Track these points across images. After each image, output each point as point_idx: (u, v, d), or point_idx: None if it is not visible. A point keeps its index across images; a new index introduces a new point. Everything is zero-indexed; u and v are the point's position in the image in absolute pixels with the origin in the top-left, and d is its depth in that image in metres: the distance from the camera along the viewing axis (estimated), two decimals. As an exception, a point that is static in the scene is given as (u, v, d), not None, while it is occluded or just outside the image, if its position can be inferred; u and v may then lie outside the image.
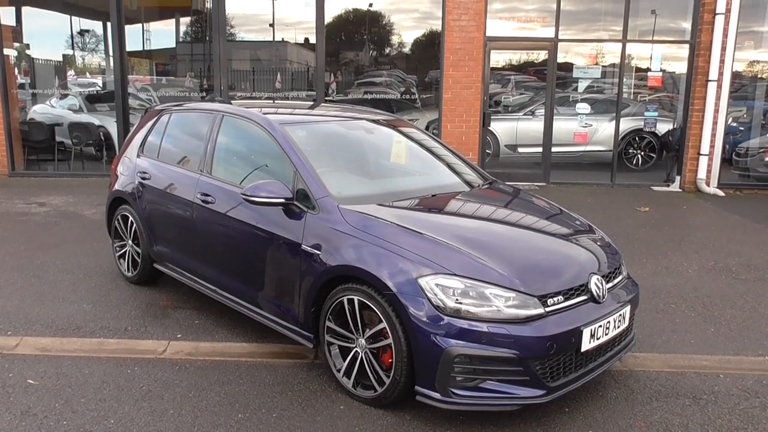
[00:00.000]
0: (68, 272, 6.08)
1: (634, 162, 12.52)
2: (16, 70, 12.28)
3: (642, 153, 12.52)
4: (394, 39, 13.34)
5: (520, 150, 12.53)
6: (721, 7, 10.50)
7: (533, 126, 11.96)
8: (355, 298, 3.67)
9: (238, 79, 12.96)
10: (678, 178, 11.47)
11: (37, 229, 7.74)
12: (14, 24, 12.62)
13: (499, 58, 13.11)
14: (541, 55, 12.50)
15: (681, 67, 11.57)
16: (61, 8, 13.53)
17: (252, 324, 4.76)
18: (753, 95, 12.26)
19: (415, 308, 3.39)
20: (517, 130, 12.47)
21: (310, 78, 12.79)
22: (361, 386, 3.76)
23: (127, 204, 5.71)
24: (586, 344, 3.51)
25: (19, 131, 11.90)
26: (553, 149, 11.56)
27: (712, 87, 10.78)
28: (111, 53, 11.66)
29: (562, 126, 11.67)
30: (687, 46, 11.20)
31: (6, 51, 11.73)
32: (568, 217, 4.60)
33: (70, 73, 13.24)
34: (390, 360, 3.54)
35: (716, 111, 10.86)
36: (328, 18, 11.61)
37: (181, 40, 14.23)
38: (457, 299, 3.36)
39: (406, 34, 13.30)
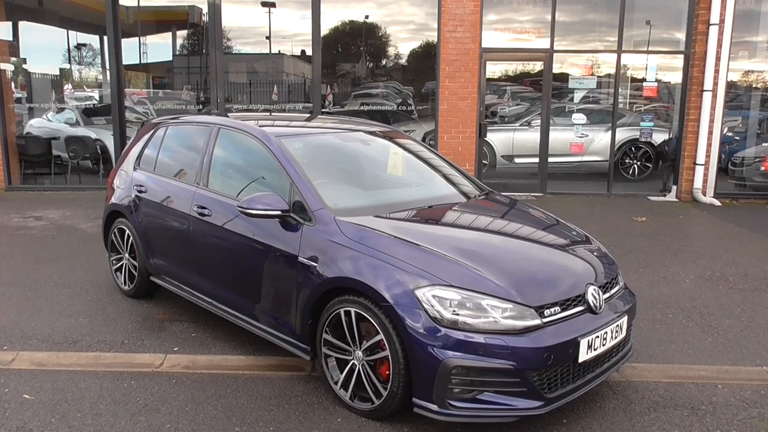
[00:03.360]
0: (65, 286, 6.07)
1: (631, 172, 12.55)
2: (13, 85, 12.30)
3: (638, 163, 12.55)
4: (391, 51, 13.39)
5: (517, 161, 12.56)
6: (715, 18, 10.56)
7: (529, 136, 12.00)
8: (352, 310, 3.66)
9: (235, 92, 12.98)
10: (674, 187, 11.49)
11: (34, 242, 7.73)
12: (11, 38, 12.65)
13: (495, 69, 13.17)
14: (536, 66, 12.55)
15: (676, 78, 11.62)
16: (58, 22, 13.58)
17: (249, 337, 4.74)
18: (748, 105, 12.32)
19: (412, 320, 3.39)
20: (514, 140, 12.50)
21: (306, 90, 12.82)
22: (359, 398, 3.75)
23: (123, 217, 5.70)
24: (584, 355, 3.51)
25: (16, 145, 11.90)
26: (550, 160, 11.59)
27: (707, 97, 10.82)
28: (108, 67, 11.68)
29: (559, 136, 11.69)
30: (682, 56, 11.27)
31: (3, 65, 11.77)
32: (565, 228, 4.60)
33: (67, 86, 13.26)
34: (387, 372, 3.53)
35: (712, 121, 10.90)
36: (325, 30, 11.66)
37: (177, 53, 14.26)
38: (454, 310, 3.35)
39: (402, 45, 13.37)
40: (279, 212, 4.04)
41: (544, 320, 3.43)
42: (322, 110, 11.73)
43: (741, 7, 10.86)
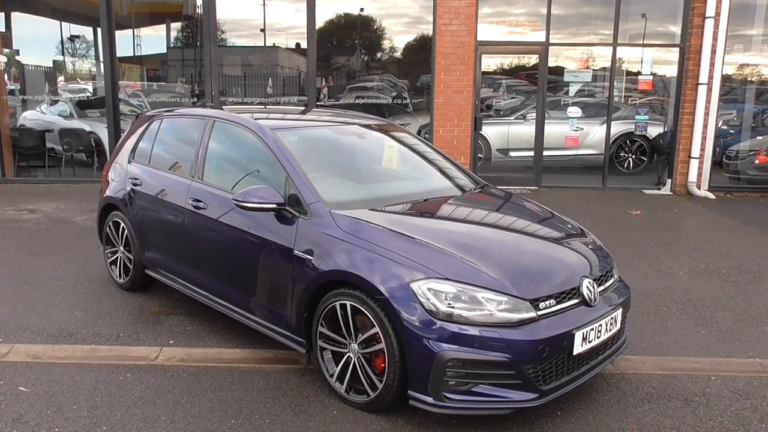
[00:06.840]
0: (59, 279, 6.05)
1: (626, 165, 12.57)
2: (6, 76, 12.24)
3: (633, 156, 12.57)
4: (386, 44, 13.37)
5: (512, 154, 12.56)
6: (710, 11, 10.57)
7: (525, 130, 12.00)
8: (348, 303, 3.67)
9: (230, 85, 12.95)
10: (669, 181, 11.52)
11: (28, 235, 7.70)
12: (4, 30, 12.58)
13: (490, 63, 13.14)
14: (532, 59, 12.54)
15: (671, 71, 11.63)
16: (51, 14, 13.51)
17: (244, 330, 4.75)
18: (743, 98, 12.32)
19: (408, 313, 3.39)
20: (509, 134, 12.50)
21: (301, 83, 12.79)
22: (354, 391, 3.76)
23: (118, 210, 5.69)
24: (578, 347, 3.52)
25: (10, 138, 11.84)
26: (545, 153, 11.59)
27: (702, 90, 10.84)
28: (101, 59, 11.63)
29: (554, 130, 11.70)
30: (677, 49, 11.27)
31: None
32: (560, 221, 4.61)
33: (61, 79, 13.20)
34: (383, 365, 3.54)
35: (707, 114, 10.92)
36: (319, 23, 11.62)
37: (171, 45, 14.21)
38: (449, 303, 3.36)
39: (397, 38, 13.35)
40: (274, 205, 4.04)
41: (539, 313, 3.44)
42: (317, 103, 11.70)
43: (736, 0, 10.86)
